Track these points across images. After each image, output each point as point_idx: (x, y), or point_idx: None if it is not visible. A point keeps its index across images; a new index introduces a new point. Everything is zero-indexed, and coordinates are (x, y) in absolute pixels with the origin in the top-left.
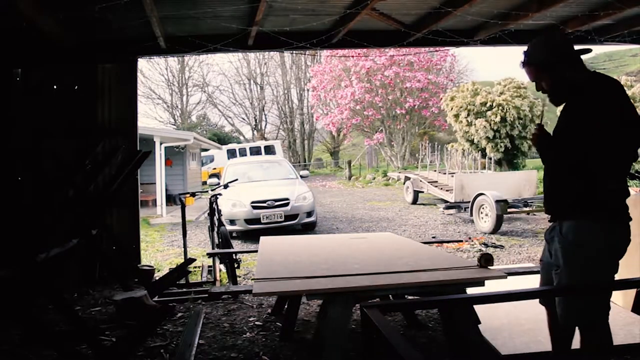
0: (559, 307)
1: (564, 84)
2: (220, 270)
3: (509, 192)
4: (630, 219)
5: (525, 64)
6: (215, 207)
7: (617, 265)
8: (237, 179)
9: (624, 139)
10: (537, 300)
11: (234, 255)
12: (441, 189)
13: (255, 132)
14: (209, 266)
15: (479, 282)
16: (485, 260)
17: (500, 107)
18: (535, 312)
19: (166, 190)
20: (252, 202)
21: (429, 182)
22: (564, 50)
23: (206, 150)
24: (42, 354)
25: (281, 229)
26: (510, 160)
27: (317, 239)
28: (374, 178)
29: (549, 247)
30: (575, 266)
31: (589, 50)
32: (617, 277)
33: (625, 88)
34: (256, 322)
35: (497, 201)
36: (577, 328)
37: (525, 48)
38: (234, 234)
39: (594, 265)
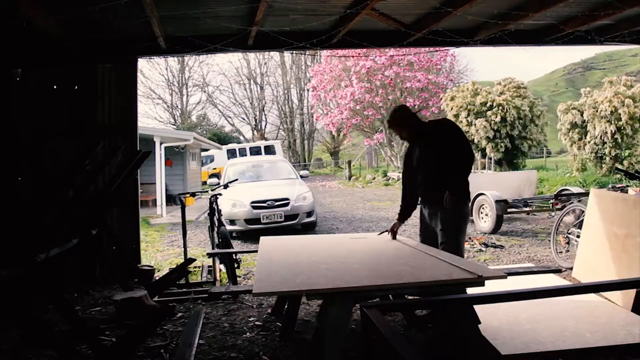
0: None
1: (415, 132)
2: (220, 270)
3: (509, 192)
4: None
5: (390, 126)
6: (215, 207)
7: None
8: (237, 179)
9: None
10: (537, 300)
11: (234, 255)
12: None
13: (255, 132)
14: (209, 266)
15: (479, 282)
16: None
17: (500, 107)
18: (535, 312)
19: (166, 190)
20: (252, 202)
21: None
22: (411, 114)
23: (206, 150)
24: (42, 354)
25: (281, 229)
26: (510, 160)
27: (317, 239)
28: (374, 178)
29: (430, 221)
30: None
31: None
32: (616, 277)
33: (625, 88)
34: (256, 322)
35: (497, 201)
36: None
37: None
38: (234, 234)
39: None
